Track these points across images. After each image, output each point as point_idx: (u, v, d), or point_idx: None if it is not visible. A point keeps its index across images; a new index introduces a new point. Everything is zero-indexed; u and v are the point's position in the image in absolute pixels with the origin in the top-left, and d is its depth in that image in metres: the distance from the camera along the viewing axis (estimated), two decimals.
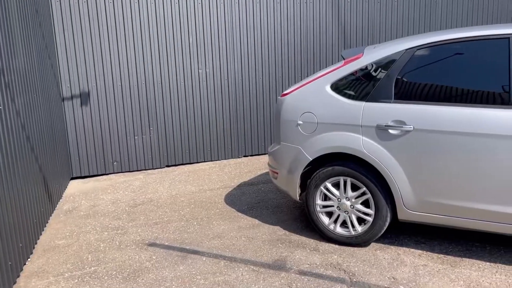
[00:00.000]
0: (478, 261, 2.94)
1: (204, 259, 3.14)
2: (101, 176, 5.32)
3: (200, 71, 5.51)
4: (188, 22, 5.35)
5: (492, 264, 2.89)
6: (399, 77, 3.02)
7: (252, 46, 5.68)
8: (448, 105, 2.84)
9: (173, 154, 5.56)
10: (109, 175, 5.36)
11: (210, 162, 5.73)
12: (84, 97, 5.10)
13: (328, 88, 3.24)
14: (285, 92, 3.51)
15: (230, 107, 5.72)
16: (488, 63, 2.80)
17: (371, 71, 3.13)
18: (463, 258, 2.99)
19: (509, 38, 2.73)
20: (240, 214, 3.96)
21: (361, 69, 3.17)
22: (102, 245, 3.44)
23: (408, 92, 2.98)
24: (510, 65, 2.69)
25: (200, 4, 5.36)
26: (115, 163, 5.33)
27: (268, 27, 5.69)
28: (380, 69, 3.10)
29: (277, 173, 3.52)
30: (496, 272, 2.80)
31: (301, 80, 3.53)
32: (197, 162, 5.71)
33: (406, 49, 3.03)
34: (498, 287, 2.62)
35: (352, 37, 6.08)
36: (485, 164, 2.70)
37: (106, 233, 3.67)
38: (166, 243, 3.41)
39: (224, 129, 5.74)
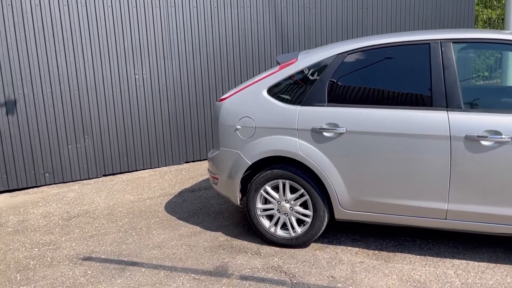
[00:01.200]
0: (410, 255, 3.09)
1: (143, 270, 3.04)
2: (31, 189, 5.01)
3: (136, 76, 5.36)
4: (123, 26, 5.19)
5: (422, 257, 3.06)
6: (332, 81, 3.11)
7: (191, 50, 5.62)
8: (378, 107, 2.97)
9: (110, 163, 5.36)
10: (41, 187, 5.05)
11: (150, 169, 5.59)
12: (10, 106, 4.78)
13: (265, 93, 3.28)
14: (222, 97, 3.50)
15: (169, 113, 5.62)
16: (412, 67, 2.97)
17: (305, 76, 3.21)
18: (396, 253, 3.13)
19: (429, 43, 2.91)
20: (181, 222, 3.89)
21: (296, 74, 3.24)
22: (32, 262, 3.23)
23: (340, 95, 3.08)
24: (431, 69, 2.87)
25: (135, 7, 5.23)
26: (47, 174, 5.04)
27: (206, 32, 5.66)
28: (313, 73, 3.18)
29: (217, 179, 3.50)
30: (426, 264, 2.96)
31: (240, 84, 3.54)
32: (136, 170, 5.55)
33: (337, 54, 3.14)
34: (427, 279, 2.78)
35: (290, 42, 6.21)
36: (412, 162, 2.86)
37: (36, 249, 3.45)
38: (103, 256, 3.27)
39: (164, 135, 5.63)
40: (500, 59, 7.87)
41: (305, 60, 3.24)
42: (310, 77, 3.19)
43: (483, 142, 2.69)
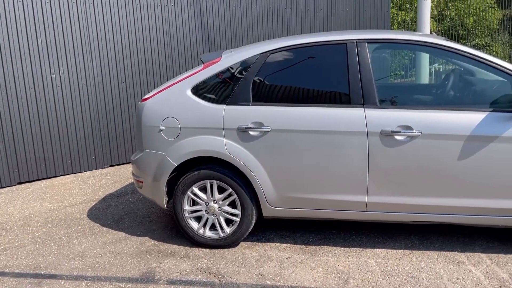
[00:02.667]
0: (335, 247, 3.21)
1: (62, 283, 2.85)
2: None
3: (53, 75, 5.02)
4: (36, 23, 4.83)
5: (346, 248, 3.18)
6: (255, 80, 3.14)
7: (112, 49, 5.38)
8: (300, 105, 3.04)
9: (26, 169, 4.97)
10: None
11: (72, 175, 5.27)
12: None
13: (189, 92, 3.22)
14: (145, 97, 3.39)
15: (91, 114, 5.33)
16: (331, 67, 3.08)
17: (229, 75, 3.20)
18: (322, 246, 3.23)
19: (346, 43, 3.03)
20: (105, 228, 3.71)
21: (220, 73, 3.21)
22: None
23: (264, 94, 3.11)
24: (348, 68, 2.99)
25: (49, 3, 4.89)
26: None
27: (128, 30, 5.45)
28: (237, 72, 3.18)
29: (141, 182, 3.38)
30: (349, 255, 3.09)
31: (163, 84, 3.44)
32: (56, 176, 5.20)
33: (261, 53, 3.16)
34: (350, 269, 2.90)
35: (216, 41, 6.17)
36: (333, 158, 2.96)
37: None
38: (17, 271, 3.02)
39: (86, 138, 5.33)
40: (414, 59, 8.46)
41: (229, 59, 3.22)
42: (235, 76, 3.19)
43: (397, 137, 2.86)
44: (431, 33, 9.28)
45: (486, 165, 2.76)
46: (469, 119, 2.78)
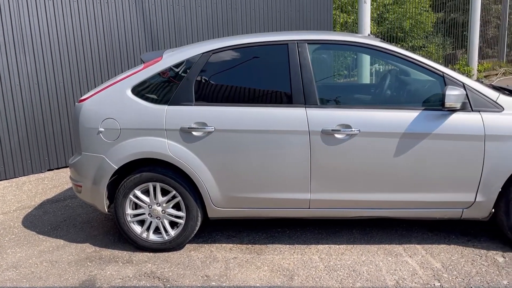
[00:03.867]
0: (280, 245, 3.24)
1: None
2: None
3: None
4: None
5: (291, 246, 3.23)
6: (198, 80, 3.10)
7: (49, 46, 5.11)
8: (244, 105, 3.04)
9: None
10: None
11: (5, 181, 4.95)
12: None
13: (129, 92, 3.12)
14: (83, 98, 3.25)
15: (26, 116, 5.03)
16: (273, 67, 3.11)
17: (171, 75, 3.14)
18: (268, 245, 3.26)
19: (287, 44, 3.07)
20: (41, 236, 3.52)
21: (161, 73, 3.15)
22: None
23: (207, 94, 3.09)
24: (290, 68, 3.03)
25: None
26: None
27: (66, 27, 5.20)
28: (179, 72, 3.13)
29: (80, 186, 3.23)
30: (294, 252, 3.13)
31: (102, 84, 3.31)
32: None
33: (203, 53, 3.13)
34: (295, 266, 2.94)
35: (160, 40, 6.04)
36: (277, 157, 2.99)
37: None
38: None
39: (21, 141, 5.03)
40: (356, 59, 8.76)
41: (171, 58, 3.17)
42: (176, 76, 3.13)
43: (337, 135, 2.94)
44: (370, 35, 9.64)
45: (420, 160, 2.91)
46: (404, 117, 2.91)
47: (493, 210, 2.94)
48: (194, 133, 3.02)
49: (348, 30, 10.21)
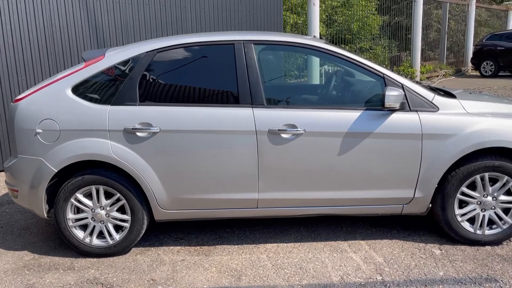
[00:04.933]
0: (229, 246, 3.23)
1: None
2: None
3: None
4: None
5: (239, 246, 3.23)
6: (143, 80, 3.03)
7: None
8: (190, 105, 3.00)
9: None
10: None
11: None
12: None
13: (69, 92, 2.99)
14: (18, 97, 3.08)
15: None
16: (220, 66, 3.10)
17: (114, 74, 3.04)
18: (216, 246, 3.24)
19: (233, 44, 3.07)
20: None
21: (104, 72, 3.04)
22: None
23: (152, 94, 3.02)
24: (236, 68, 3.03)
25: None
26: None
27: (3, 23, 4.90)
28: (122, 71, 3.04)
29: (16, 191, 3.06)
30: (242, 252, 3.14)
31: (39, 83, 3.15)
32: None
33: (147, 52, 3.06)
34: (243, 266, 2.95)
35: (105, 38, 5.85)
36: (224, 158, 2.98)
37: None
38: None
39: None
40: (306, 60, 8.92)
41: (114, 57, 3.07)
42: (120, 75, 3.04)
43: (283, 135, 2.97)
44: (320, 37, 9.86)
45: (362, 159, 3.00)
46: (347, 117, 2.99)
47: (430, 205, 3.09)
48: (138, 134, 2.94)
49: (298, 31, 10.36)
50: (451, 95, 3.25)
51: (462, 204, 3.08)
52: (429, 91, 3.10)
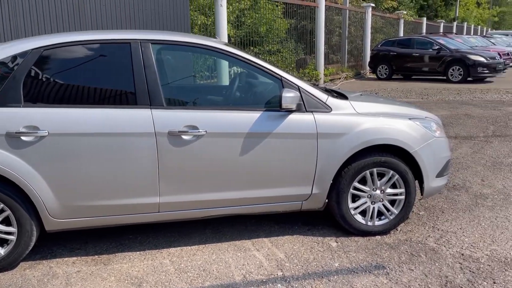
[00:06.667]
0: (130, 253, 3.11)
1: None
2: None
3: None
4: None
5: (141, 252, 3.12)
6: (28, 79, 2.79)
7: None
8: (83, 107, 2.83)
9: None
10: None
11: None
12: None
13: None
14: None
15: None
16: (116, 66, 2.96)
17: None
18: (116, 254, 3.09)
19: (130, 43, 2.95)
20: None
21: None
22: None
23: (39, 94, 2.80)
24: (133, 68, 2.92)
25: None
26: None
27: None
28: (4, 70, 2.77)
29: None
30: (144, 258, 3.04)
31: None
32: None
33: (33, 49, 2.82)
34: (144, 273, 2.85)
35: None
36: (122, 161, 2.85)
37: None
38: None
39: None
40: (215, 62, 8.93)
41: None
42: (1, 74, 2.77)
43: (184, 137, 2.93)
44: (229, 39, 9.94)
45: (263, 159, 3.06)
46: (247, 118, 3.04)
47: (327, 201, 3.26)
48: (23, 138, 2.70)
49: (207, 32, 10.34)
50: (344, 97, 3.46)
51: (355, 198, 3.30)
52: (323, 92, 3.27)
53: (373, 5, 17.76)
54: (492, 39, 22.60)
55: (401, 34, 20.59)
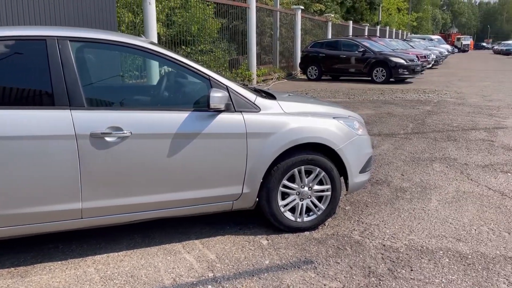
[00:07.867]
0: (51, 263, 2.92)
1: None
2: None
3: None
4: None
5: (63, 262, 2.95)
6: None
7: None
8: None
9: None
10: None
11: None
12: None
13: None
14: None
15: None
16: (30, 64, 2.77)
17: None
18: (35, 265, 2.89)
19: (45, 40, 2.77)
20: None
21: None
22: None
23: None
24: (50, 67, 2.74)
25: None
26: None
27: None
28: None
29: None
30: (67, 268, 2.87)
31: None
32: None
33: None
34: (67, 283, 2.69)
35: None
36: (38, 166, 2.67)
37: None
38: None
39: None
40: (145, 61, 8.68)
41: None
42: None
43: (107, 139, 2.80)
44: (159, 38, 9.72)
45: (192, 159, 3.02)
46: (175, 118, 2.98)
47: (257, 199, 3.30)
48: None
49: (136, 30, 10.02)
50: (272, 97, 3.52)
51: (284, 195, 3.36)
52: (252, 93, 3.30)
53: (302, 7, 18.29)
54: (412, 42, 24.28)
55: (329, 36, 21.42)
